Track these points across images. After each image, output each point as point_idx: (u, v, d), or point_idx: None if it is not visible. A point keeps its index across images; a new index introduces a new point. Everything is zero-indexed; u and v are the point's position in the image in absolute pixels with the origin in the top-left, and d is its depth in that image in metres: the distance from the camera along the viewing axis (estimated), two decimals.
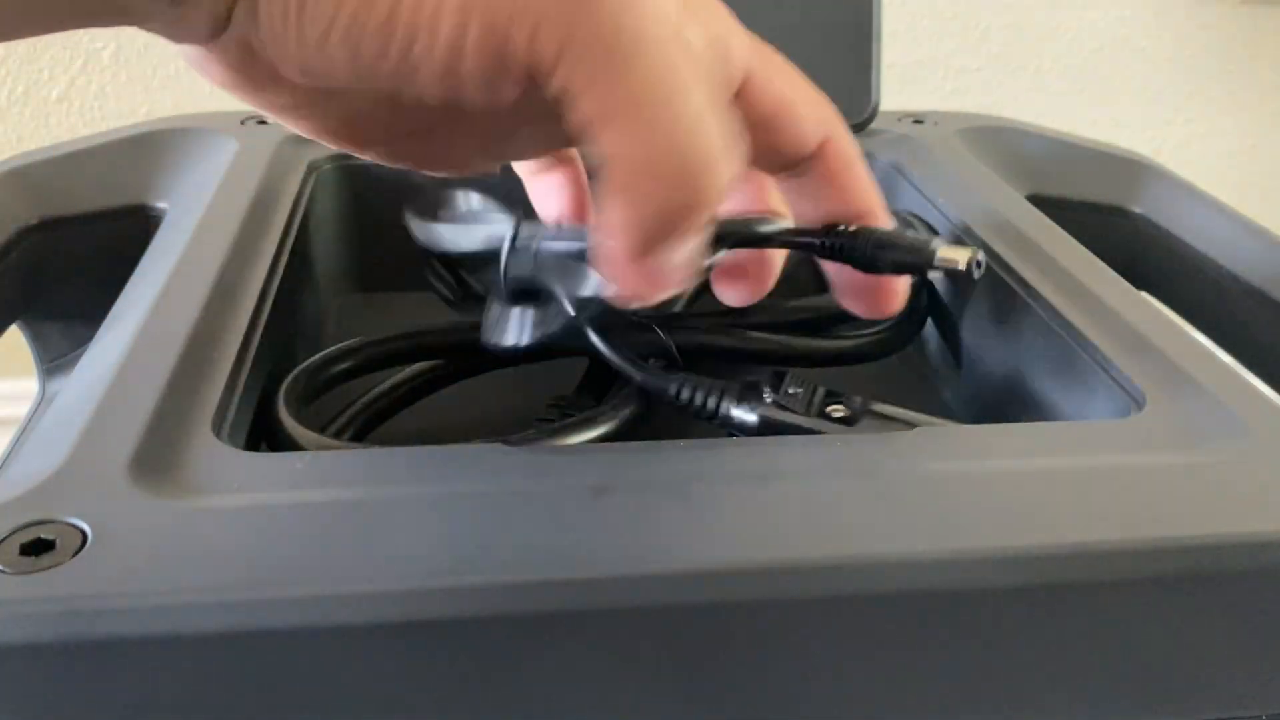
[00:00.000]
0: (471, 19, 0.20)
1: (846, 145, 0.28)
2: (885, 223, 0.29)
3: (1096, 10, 1.18)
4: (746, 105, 0.25)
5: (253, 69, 0.22)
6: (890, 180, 0.45)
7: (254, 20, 0.21)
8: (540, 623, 0.20)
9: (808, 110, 0.26)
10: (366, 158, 0.26)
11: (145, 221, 0.41)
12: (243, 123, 0.46)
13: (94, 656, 0.19)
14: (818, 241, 0.29)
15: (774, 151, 0.27)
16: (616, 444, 0.25)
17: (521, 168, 0.32)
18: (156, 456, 0.23)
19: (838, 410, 0.27)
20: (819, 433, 0.27)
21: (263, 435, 0.28)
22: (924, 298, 0.38)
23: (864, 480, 0.23)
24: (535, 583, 0.20)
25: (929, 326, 0.39)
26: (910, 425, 0.26)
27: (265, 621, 0.19)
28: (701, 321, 0.34)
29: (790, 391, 0.28)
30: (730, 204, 0.30)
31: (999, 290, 0.35)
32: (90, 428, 0.24)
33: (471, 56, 0.20)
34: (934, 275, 0.28)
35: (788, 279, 0.32)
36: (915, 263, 0.27)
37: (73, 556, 0.20)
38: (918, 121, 0.50)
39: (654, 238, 0.22)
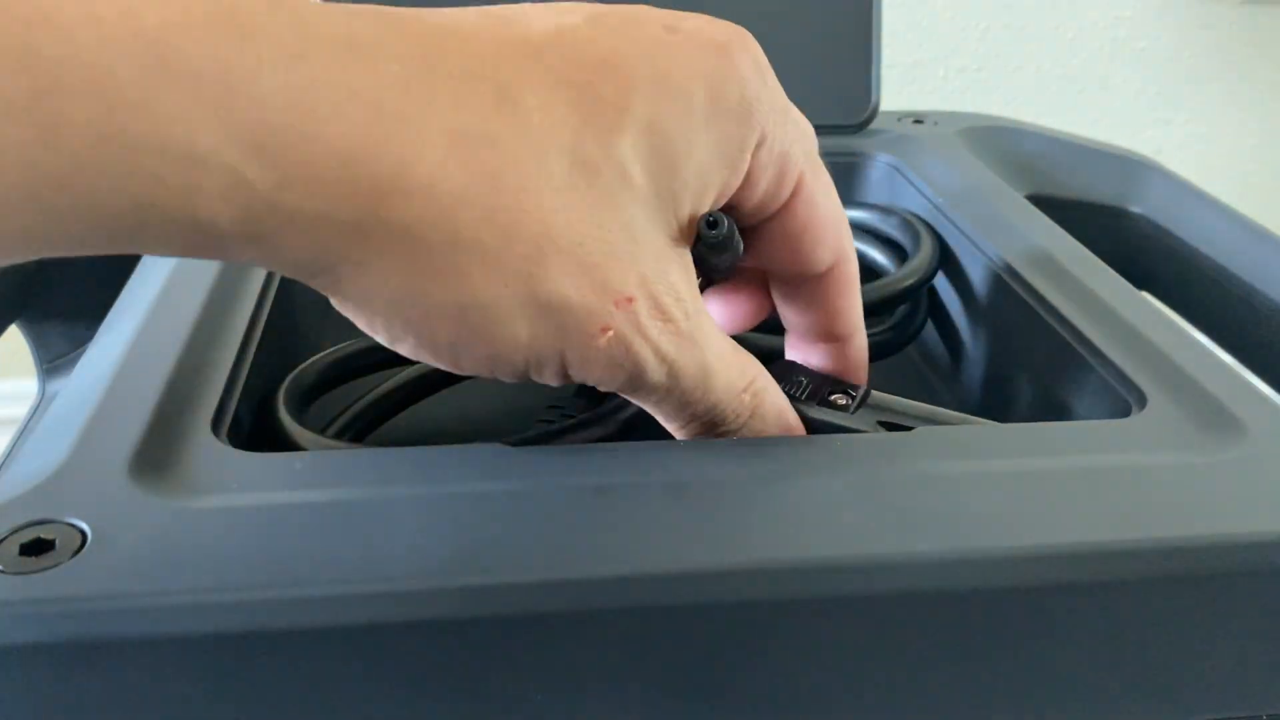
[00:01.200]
0: (549, 352, 0.22)
1: (850, 270, 0.27)
2: (862, 346, 0.29)
3: (1097, 10, 1.18)
4: (784, 216, 0.25)
5: None
6: (890, 180, 0.45)
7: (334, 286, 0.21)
8: (540, 623, 0.20)
9: (829, 233, 0.26)
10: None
11: None
12: None
13: (94, 656, 0.19)
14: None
15: (784, 266, 0.26)
16: (616, 444, 0.25)
17: None
18: (156, 456, 0.23)
19: (840, 399, 0.27)
20: (820, 420, 0.27)
21: (263, 435, 0.28)
22: (924, 299, 0.38)
23: (864, 480, 0.23)
24: (535, 583, 0.20)
25: (929, 326, 0.39)
26: (906, 414, 0.27)
27: (265, 621, 0.19)
28: None
29: (796, 380, 0.28)
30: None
31: (999, 290, 0.35)
32: (90, 428, 0.24)
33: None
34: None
35: None
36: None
37: (72, 556, 0.20)
38: (918, 121, 0.50)
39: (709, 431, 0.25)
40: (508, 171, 0.20)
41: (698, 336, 0.23)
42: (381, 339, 0.22)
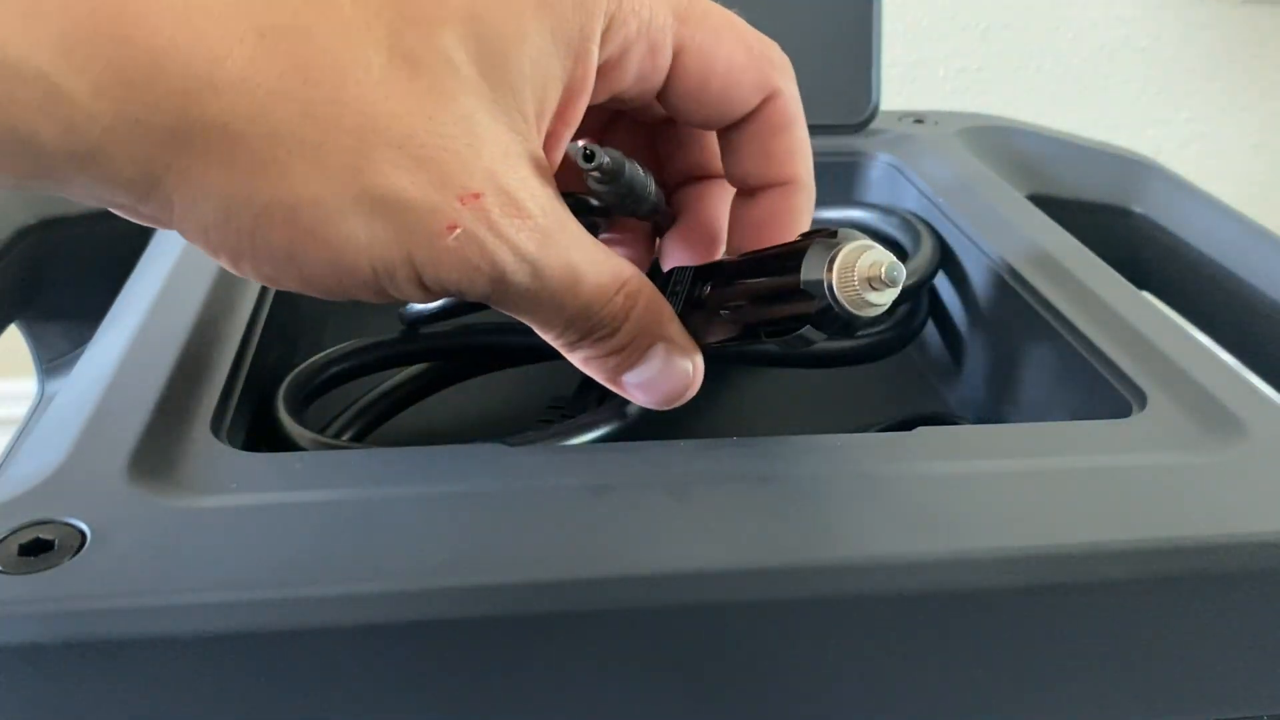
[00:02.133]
0: (393, 263, 0.21)
1: (783, 106, 0.26)
2: (807, 195, 0.27)
3: (1096, 10, 1.18)
4: (676, 77, 0.25)
5: None
6: (890, 180, 0.45)
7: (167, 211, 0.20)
8: (540, 623, 0.20)
9: (740, 76, 0.25)
10: None
11: None
12: None
13: (93, 656, 0.19)
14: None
15: (700, 119, 0.26)
16: (616, 444, 0.25)
17: None
18: (156, 457, 0.23)
19: (707, 289, 0.25)
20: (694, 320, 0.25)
21: (262, 435, 0.28)
22: (925, 298, 0.38)
23: (864, 480, 0.23)
24: (535, 583, 0.20)
25: (929, 326, 0.39)
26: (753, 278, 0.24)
27: (264, 622, 0.19)
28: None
29: (676, 282, 0.26)
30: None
31: (999, 290, 0.35)
32: (90, 428, 0.24)
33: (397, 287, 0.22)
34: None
35: None
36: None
37: (72, 557, 0.20)
38: (918, 121, 0.50)
39: (617, 366, 0.24)
40: (321, 63, 0.20)
41: (560, 234, 0.22)
42: (226, 262, 0.21)
